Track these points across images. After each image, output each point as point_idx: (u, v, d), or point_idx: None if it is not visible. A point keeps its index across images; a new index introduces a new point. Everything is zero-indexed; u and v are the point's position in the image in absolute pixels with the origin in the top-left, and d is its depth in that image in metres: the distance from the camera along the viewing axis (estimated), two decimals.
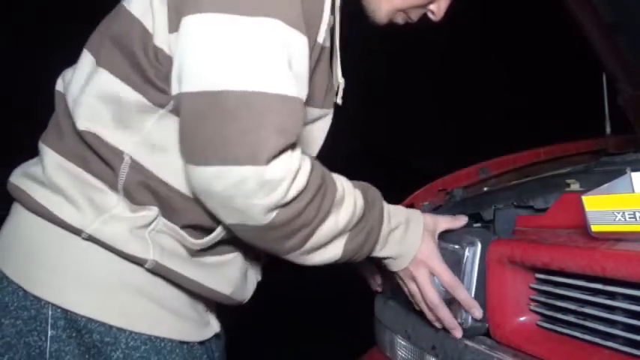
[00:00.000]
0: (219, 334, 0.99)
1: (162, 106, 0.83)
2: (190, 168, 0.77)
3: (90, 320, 0.84)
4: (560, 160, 1.76)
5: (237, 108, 0.74)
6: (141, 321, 0.86)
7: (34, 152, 0.94)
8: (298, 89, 0.79)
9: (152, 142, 0.85)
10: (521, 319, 0.91)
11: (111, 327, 0.84)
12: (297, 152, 0.79)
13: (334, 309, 3.00)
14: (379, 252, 0.94)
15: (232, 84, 0.74)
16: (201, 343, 0.94)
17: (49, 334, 0.84)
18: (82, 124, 0.85)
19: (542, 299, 0.88)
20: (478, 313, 0.94)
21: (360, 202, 0.88)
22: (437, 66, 3.92)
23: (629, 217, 0.74)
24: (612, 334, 0.76)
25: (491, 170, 1.63)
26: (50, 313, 0.84)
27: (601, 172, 1.18)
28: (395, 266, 0.97)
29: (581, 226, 0.82)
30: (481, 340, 0.94)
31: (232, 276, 0.94)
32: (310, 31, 0.82)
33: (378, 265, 1.04)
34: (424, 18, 1.02)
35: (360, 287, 1.31)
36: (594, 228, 0.77)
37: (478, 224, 1.12)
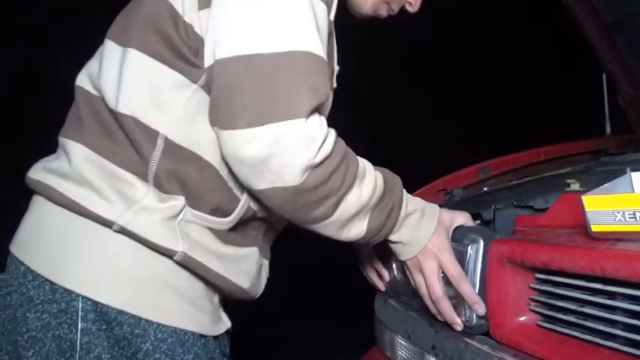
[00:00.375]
0: (229, 331, 1.01)
1: (195, 81, 0.86)
2: (225, 134, 0.79)
3: (120, 312, 0.85)
4: (560, 160, 1.76)
5: (271, 69, 0.78)
6: (168, 313, 0.88)
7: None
8: (324, 54, 0.83)
9: (186, 119, 0.86)
10: (521, 319, 0.91)
11: (140, 319, 0.85)
12: (324, 118, 0.83)
13: (334, 309, 3.00)
14: (393, 236, 0.96)
15: (265, 46, 0.79)
16: (215, 338, 0.96)
17: (80, 327, 0.84)
18: (123, 109, 0.86)
19: (542, 299, 0.88)
20: (481, 309, 0.94)
21: (381, 180, 0.91)
22: (437, 66, 3.92)
23: (629, 217, 0.74)
24: (612, 334, 0.76)
25: (491, 170, 1.63)
26: (80, 305, 0.84)
27: (601, 172, 1.18)
28: (404, 253, 0.98)
29: (581, 226, 0.82)
30: (481, 339, 0.95)
31: (250, 270, 0.97)
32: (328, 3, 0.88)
33: (383, 257, 1.05)
34: (402, 10, 1.07)
35: (360, 287, 1.31)
36: (594, 228, 0.77)
37: (477, 221, 1.13)
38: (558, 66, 4.13)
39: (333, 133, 0.83)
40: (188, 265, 0.88)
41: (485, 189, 1.37)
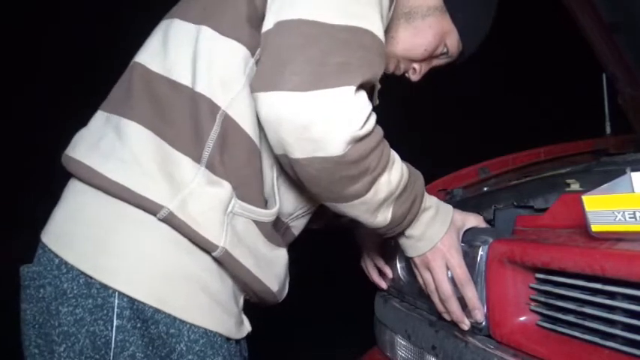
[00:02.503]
0: (249, 335, 0.99)
1: (253, 54, 0.86)
2: (268, 95, 0.78)
3: (157, 311, 0.82)
4: (560, 160, 1.76)
5: (333, 38, 0.78)
6: (200, 314, 0.86)
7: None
8: (384, 39, 0.85)
9: (245, 97, 0.85)
10: (521, 319, 0.91)
11: (175, 319, 0.83)
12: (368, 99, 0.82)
13: (334, 309, 3.00)
14: (409, 230, 0.96)
15: (333, 17, 0.79)
16: (237, 341, 0.95)
17: (115, 324, 0.82)
18: (199, 87, 0.85)
19: (542, 299, 0.88)
20: (480, 315, 0.94)
21: (406, 170, 0.91)
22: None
23: (629, 217, 0.74)
24: (612, 334, 0.76)
25: (491, 170, 1.63)
26: (117, 302, 0.82)
27: (601, 172, 1.18)
28: (415, 250, 0.98)
29: (581, 226, 0.82)
30: (481, 339, 0.95)
31: (280, 273, 0.96)
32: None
33: (387, 255, 1.05)
34: (403, 75, 1.10)
35: (360, 287, 1.31)
36: (594, 228, 0.77)
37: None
38: (558, 66, 4.13)
39: (374, 115, 0.83)
40: (226, 262, 0.86)
41: (485, 189, 1.37)
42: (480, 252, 0.96)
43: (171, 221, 0.82)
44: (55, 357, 0.83)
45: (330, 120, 0.76)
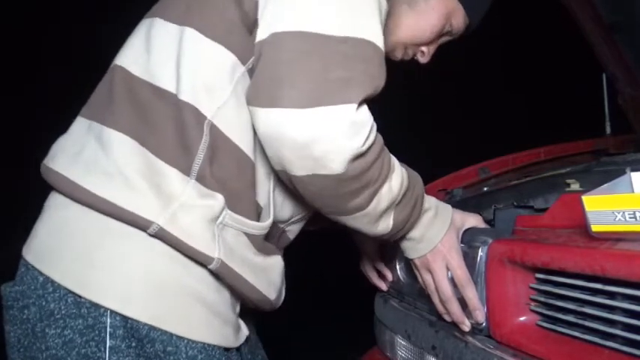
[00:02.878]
0: (248, 337, 0.96)
1: (244, 62, 0.83)
2: (267, 112, 0.75)
3: (152, 328, 0.78)
4: (560, 160, 1.76)
5: (331, 51, 0.75)
6: (197, 328, 0.82)
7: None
8: (383, 46, 0.82)
9: (233, 106, 0.82)
10: (521, 319, 0.91)
11: (172, 335, 0.79)
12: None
13: (334, 309, 3.00)
14: (409, 232, 0.95)
15: (330, 28, 0.76)
16: (237, 349, 0.91)
17: (108, 345, 0.77)
18: (183, 95, 0.81)
19: (542, 299, 0.88)
20: (481, 316, 0.94)
21: (405, 174, 0.90)
22: (435, 66, 3.92)
23: (629, 217, 0.74)
24: (612, 334, 0.76)
25: (491, 170, 1.63)
26: (109, 321, 0.77)
27: (601, 172, 1.18)
28: (415, 252, 0.97)
29: (581, 226, 0.82)
30: (481, 340, 0.94)
31: (276, 281, 0.94)
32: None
33: (386, 257, 1.04)
34: (413, 59, 1.09)
35: (359, 287, 1.31)
36: (594, 228, 0.77)
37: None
38: (558, 66, 4.13)
39: (375, 125, 0.81)
40: (222, 274, 0.82)
41: (485, 189, 1.37)
42: (480, 252, 0.96)
43: (163, 236, 0.78)
44: None
45: (332, 138, 0.74)
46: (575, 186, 1.08)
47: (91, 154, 0.82)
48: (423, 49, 1.07)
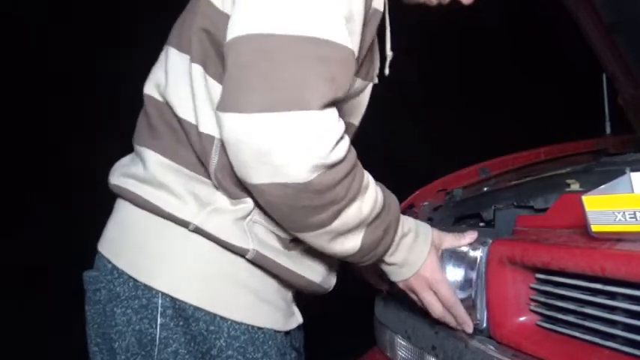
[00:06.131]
0: (301, 326, 1.01)
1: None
2: (227, 116, 0.73)
3: (197, 309, 0.86)
4: (560, 160, 1.76)
5: (284, 51, 0.72)
6: (241, 311, 0.89)
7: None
8: (352, 44, 0.77)
9: None
10: (521, 319, 0.91)
11: (215, 316, 0.87)
12: (341, 120, 0.77)
13: (334, 309, 3.00)
14: (389, 257, 0.93)
15: (281, 28, 0.73)
16: (287, 333, 0.96)
17: (159, 322, 0.87)
18: (203, 128, 0.85)
19: (542, 299, 0.88)
20: (469, 329, 0.96)
21: (381, 196, 0.87)
22: (435, 66, 3.92)
23: (629, 217, 0.74)
24: (612, 334, 0.76)
25: (491, 170, 1.63)
26: (160, 301, 0.87)
27: (601, 172, 1.18)
28: (398, 275, 0.97)
29: (581, 226, 0.82)
30: (481, 340, 0.94)
31: (319, 263, 0.96)
32: None
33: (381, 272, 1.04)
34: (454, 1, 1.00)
35: (360, 287, 1.31)
36: (594, 228, 0.77)
37: (483, 224, 1.13)
38: (558, 66, 4.13)
39: (347, 138, 0.78)
40: (260, 262, 0.88)
41: (485, 189, 1.37)
42: (480, 252, 0.96)
43: (201, 232, 0.86)
44: (112, 354, 0.89)
45: (289, 146, 0.71)
46: (575, 186, 1.08)
47: (138, 169, 0.94)
48: None
